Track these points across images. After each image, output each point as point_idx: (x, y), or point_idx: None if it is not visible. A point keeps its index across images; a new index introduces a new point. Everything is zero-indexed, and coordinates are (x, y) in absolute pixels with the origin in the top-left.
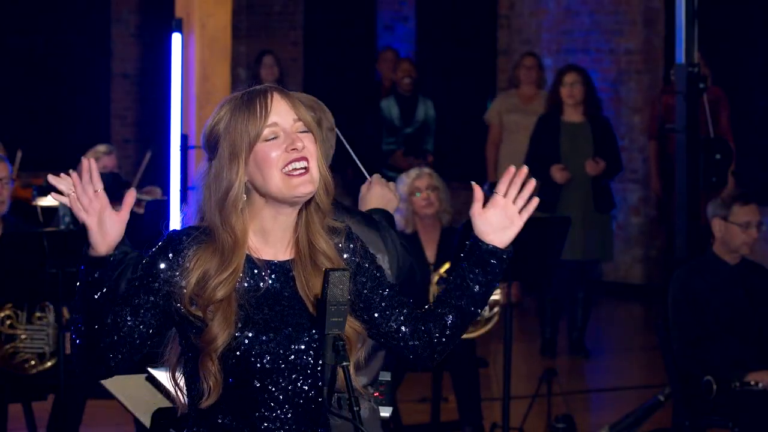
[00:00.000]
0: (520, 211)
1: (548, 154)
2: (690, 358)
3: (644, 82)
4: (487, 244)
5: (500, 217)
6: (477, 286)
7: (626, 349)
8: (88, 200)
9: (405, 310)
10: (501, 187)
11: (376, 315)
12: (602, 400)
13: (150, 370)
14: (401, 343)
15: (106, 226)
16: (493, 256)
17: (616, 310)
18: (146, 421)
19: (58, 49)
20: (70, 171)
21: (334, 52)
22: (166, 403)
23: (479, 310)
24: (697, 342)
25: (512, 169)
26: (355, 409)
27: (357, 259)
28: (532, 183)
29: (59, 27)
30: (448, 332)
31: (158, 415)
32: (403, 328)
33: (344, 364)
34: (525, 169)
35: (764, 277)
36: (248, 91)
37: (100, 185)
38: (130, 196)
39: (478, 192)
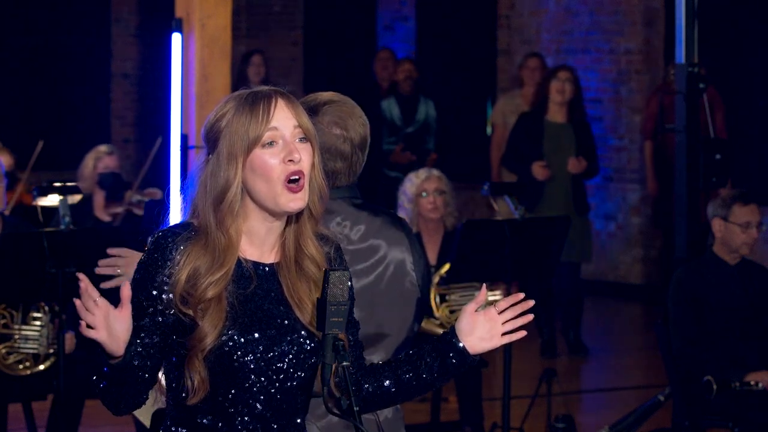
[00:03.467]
0: (504, 334)
1: (530, 153)
2: (690, 358)
3: (644, 82)
4: (460, 343)
5: (485, 328)
6: (427, 372)
7: (626, 349)
8: (92, 317)
9: (356, 352)
10: (501, 305)
11: None
12: (602, 400)
13: None
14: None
15: (115, 331)
16: (458, 356)
17: (616, 310)
18: (146, 421)
19: (58, 49)
20: (75, 300)
21: (334, 52)
22: None
23: (413, 396)
24: (697, 342)
25: (521, 295)
26: (355, 409)
27: None
28: (530, 317)
29: (59, 27)
30: (378, 393)
31: (158, 415)
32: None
33: (344, 364)
34: (531, 302)
35: (764, 277)
36: (253, 92)
37: (96, 294)
38: (126, 289)
39: (482, 295)
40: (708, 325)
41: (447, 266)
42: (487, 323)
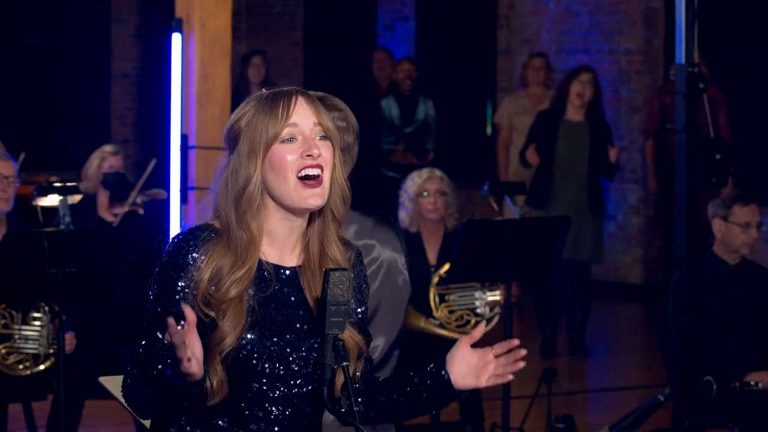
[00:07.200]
0: (490, 376)
1: (545, 150)
2: (690, 358)
3: (644, 82)
4: (447, 374)
5: (474, 365)
6: (416, 394)
7: (626, 349)
8: (188, 359)
9: (367, 365)
10: (498, 349)
11: None
12: (602, 400)
13: None
14: (340, 387)
15: (196, 356)
16: (443, 386)
17: (616, 310)
18: (146, 421)
19: (58, 49)
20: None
21: (334, 52)
22: None
23: (404, 416)
24: (697, 342)
25: (516, 341)
26: (355, 409)
27: (362, 285)
28: (521, 364)
29: (59, 27)
30: (375, 406)
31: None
32: (358, 376)
33: (344, 363)
34: (524, 351)
35: (764, 277)
36: (274, 92)
37: (172, 323)
38: (190, 312)
39: (478, 332)
40: (708, 325)
41: (447, 266)
42: (479, 363)
